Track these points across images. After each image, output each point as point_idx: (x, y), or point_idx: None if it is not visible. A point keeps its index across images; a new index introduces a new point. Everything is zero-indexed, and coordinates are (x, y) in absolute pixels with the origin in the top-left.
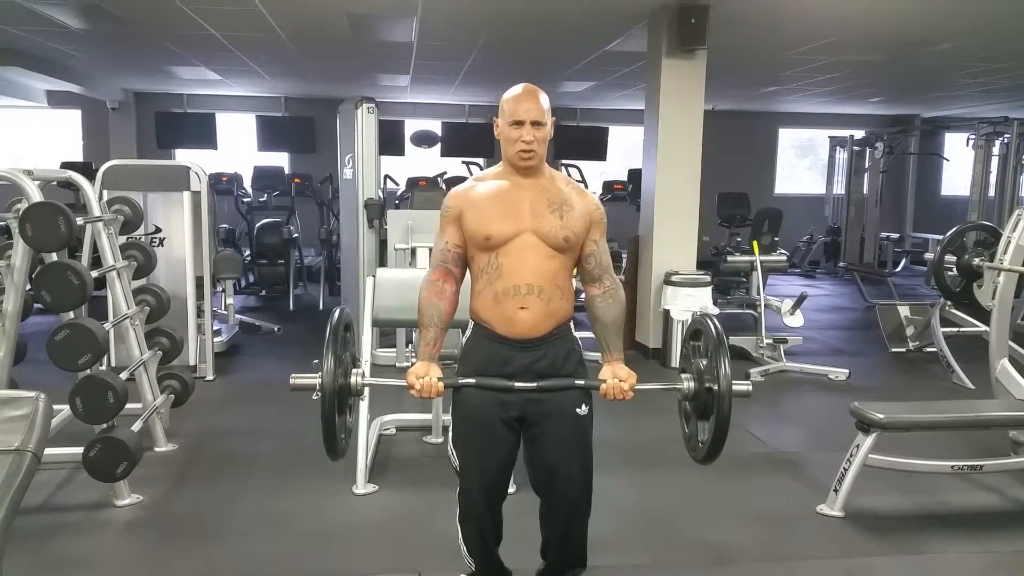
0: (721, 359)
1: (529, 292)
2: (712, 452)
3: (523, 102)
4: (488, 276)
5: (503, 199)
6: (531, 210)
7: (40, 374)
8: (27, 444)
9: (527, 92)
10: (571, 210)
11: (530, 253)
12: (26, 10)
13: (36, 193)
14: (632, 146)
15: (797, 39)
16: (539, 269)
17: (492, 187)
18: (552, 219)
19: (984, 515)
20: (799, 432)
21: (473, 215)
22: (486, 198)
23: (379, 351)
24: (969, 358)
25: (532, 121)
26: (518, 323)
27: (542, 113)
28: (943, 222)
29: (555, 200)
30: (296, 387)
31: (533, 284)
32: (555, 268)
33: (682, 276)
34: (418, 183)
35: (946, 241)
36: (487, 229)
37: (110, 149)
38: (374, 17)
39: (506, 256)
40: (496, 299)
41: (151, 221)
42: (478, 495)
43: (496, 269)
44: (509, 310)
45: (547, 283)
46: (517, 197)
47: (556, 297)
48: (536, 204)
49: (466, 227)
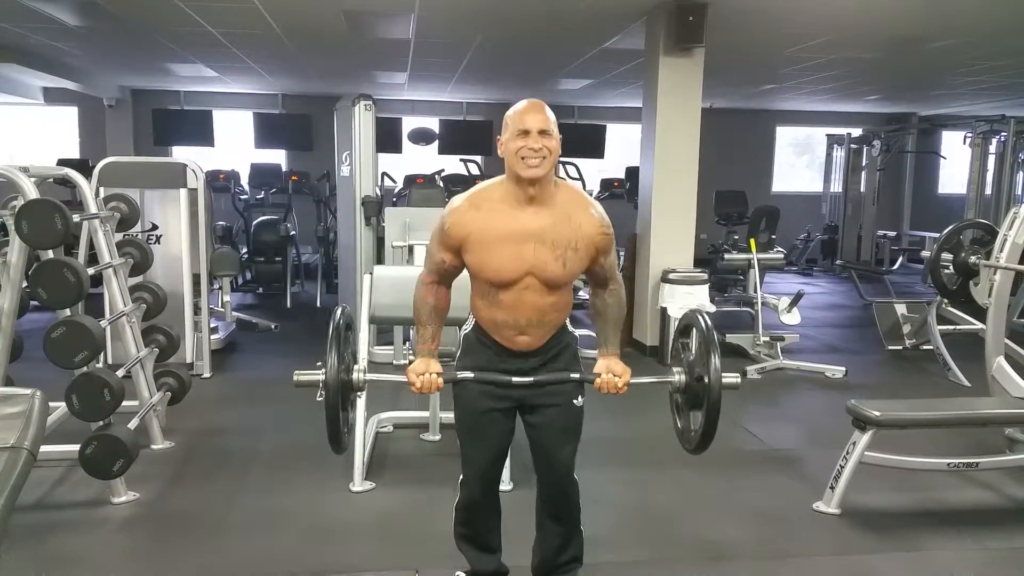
0: (711, 353)
1: (529, 324)
2: (703, 442)
3: (528, 113)
4: (487, 302)
5: (506, 240)
6: (534, 255)
7: (36, 371)
8: (23, 441)
9: (532, 105)
10: (575, 253)
11: (530, 292)
12: (23, 7)
13: (32, 190)
14: (630, 144)
15: (795, 37)
16: (539, 305)
17: (495, 218)
18: (555, 267)
19: (980, 512)
20: (796, 430)
21: (474, 253)
22: (488, 234)
23: (376, 348)
24: (965, 356)
25: (539, 130)
26: (517, 343)
27: (548, 123)
28: (940, 220)
29: (559, 244)
30: (300, 383)
31: (533, 318)
32: (555, 299)
33: (679, 274)
34: (415, 180)
35: (943, 239)
36: (488, 274)
37: (107, 146)
38: (371, 14)
39: (507, 293)
40: (495, 324)
41: (148, 218)
42: (475, 481)
43: (496, 302)
44: (508, 335)
45: (547, 314)
46: (520, 238)
47: (555, 319)
48: (539, 249)
49: (467, 260)
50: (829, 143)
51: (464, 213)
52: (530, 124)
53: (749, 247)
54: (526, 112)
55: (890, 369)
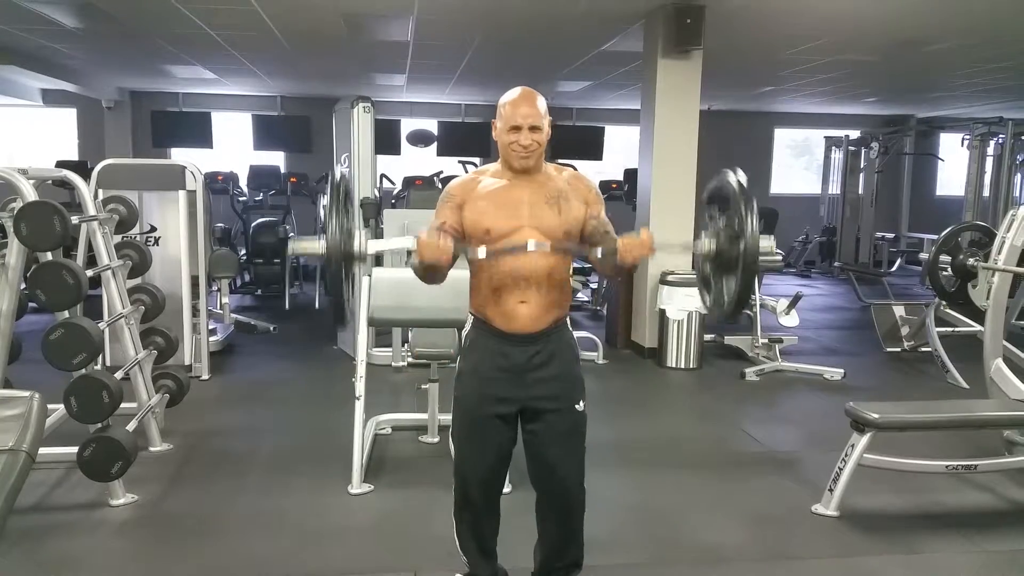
0: (748, 212)
1: (528, 286)
2: (738, 306)
3: (520, 107)
4: (487, 271)
5: (502, 196)
6: (529, 206)
7: (34, 373)
8: (21, 444)
9: (524, 96)
10: (567, 202)
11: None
12: (22, 9)
13: (31, 192)
14: (628, 145)
15: (792, 39)
16: (538, 264)
17: (492, 184)
18: (551, 214)
19: (978, 515)
20: (794, 432)
21: (473, 208)
22: (486, 194)
23: (375, 350)
24: (964, 358)
25: (530, 126)
26: (518, 317)
27: (539, 118)
28: (938, 222)
29: (552, 195)
30: (297, 252)
31: (531, 278)
32: (553, 262)
33: (678, 276)
34: (414, 182)
35: (941, 241)
36: (486, 223)
37: (105, 148)
38: (370, 16)
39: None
40: (495, 293)
41: (147, 220)
42: (475, 488)
43: (495, 264)
44: (509, 304)
45: (546, 277)
46: (516, 194)
47: (555, 291)
48: (534, 201)
49: (466, 219)
50: (827, 145)
51: (466, 182)
52: (520, 120)
53: None
54: (517, 105)
55: (889, 371)
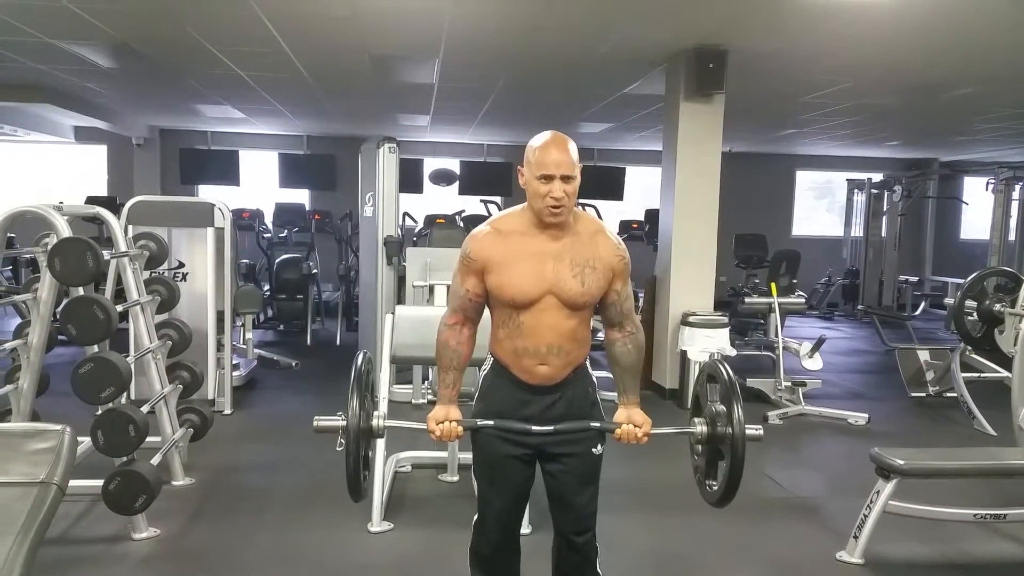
0: (734, 403)
1: (549, 352)
2: (726, 495)
3: (552, 153)
4: (508, 330)
5: (526, 260)
6: (555, 265)
7: (61, 405)
8: (52, 477)
9: (556, 142)
10: (592, 272)
11: (550, 313)
12: (59, 49)
13: (66, 228)
14: (649, 186)
15: (814, 84)
16: (559, 328)
17: (515, 242)
18: (573, 285)
19: (1007, 565)
20: (818, 477)
21: (496, 273)
22: (509, 256)
23: (396, 387)
24: (991, 404)
25: (562, 176)
26: (537, 375)
27: (572, 166)
28: (962, 266)
29: (578, 262)
30: (320, 429)
31: (553, 344)
32: (574, 325)
33: (699, 317)
34: (436, 221)
35: (967, 286)
36: (510, 292)
37: (134, 184)
38: (396, 58)
39: (527, 315)
40: (516, 354)
41: (175, 256)
42: (492, 524)
43: (517, 328)
44: (529, 365)
45: (567, 341)
46: (540, 258)
47: (575, 349)
48: (559, 259)
49: (489, 284)
50: (850, 188)
51: (485, 238)
52: (553, 169)
53: (770, 291)
54: (548, 151)
55: (913, 416)
